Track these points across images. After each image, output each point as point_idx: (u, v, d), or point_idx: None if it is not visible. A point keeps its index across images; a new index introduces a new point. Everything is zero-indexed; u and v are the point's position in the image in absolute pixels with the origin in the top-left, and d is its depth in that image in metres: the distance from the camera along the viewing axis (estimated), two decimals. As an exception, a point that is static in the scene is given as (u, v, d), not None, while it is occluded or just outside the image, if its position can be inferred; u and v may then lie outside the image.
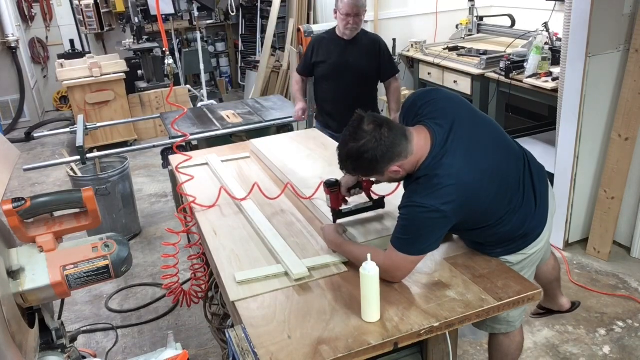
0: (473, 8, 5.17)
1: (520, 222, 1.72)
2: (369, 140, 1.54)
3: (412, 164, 1.60)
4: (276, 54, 6.57)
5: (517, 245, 1.75)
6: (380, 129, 1.55)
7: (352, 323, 1.44)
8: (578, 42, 2.93)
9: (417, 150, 1.58)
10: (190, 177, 2.30)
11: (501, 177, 1.66)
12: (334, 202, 1.90)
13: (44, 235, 1.41)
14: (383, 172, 1.61)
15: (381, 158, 1.55)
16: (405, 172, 1.62)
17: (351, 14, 3.02)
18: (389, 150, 1.55)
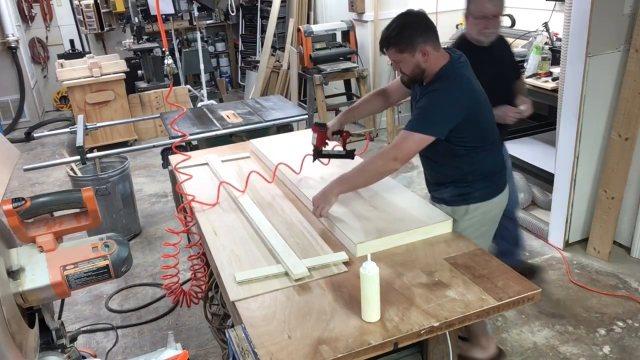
0: (473, 8, 5.16)
1: (496, 165, 2.06)
2: (416, 18, 1.92)
3: (436, 61, 1.91)
4: (276, 54, 6.57)
5: (492, 189, 2.05)
6: (426, 18, 1.94)
7: (352, 323, 1.44)
8: (578, 42, 2.93)
9: (441, 54, 1.93)
10: (189, 177, 2.30)
11: (490, 111, 2.02)
12: (319, 141, 2.25)
13: (44, 235, 1.41)
14: (416, 50, 1.87)
15: (422, 33, 1.88)
16: (428, 63, 1.90)
17: (489, 15, 2.38)
18: (428, 32, 1.90)
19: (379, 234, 1.80)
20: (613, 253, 3.21)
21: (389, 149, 1.88)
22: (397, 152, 1.85)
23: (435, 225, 1.85)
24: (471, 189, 2.01)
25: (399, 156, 1.85)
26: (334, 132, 2.27)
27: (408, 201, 2.03)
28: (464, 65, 1.95)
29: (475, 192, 2.01)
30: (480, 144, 1.97)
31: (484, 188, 2.02)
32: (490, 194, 2.04)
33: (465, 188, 2.01)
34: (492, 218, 2.11)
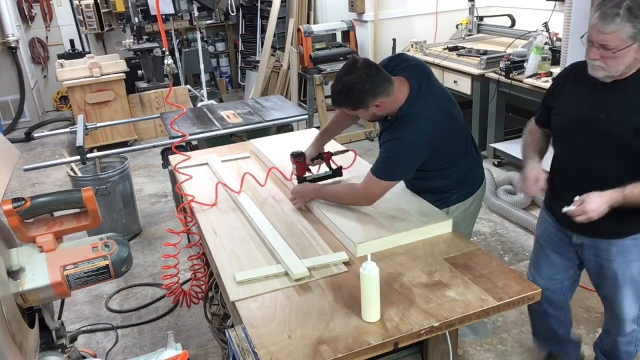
0: (473, 8, 5.18)
1: (470, 166, 2.13)
2: (359, 75, 1.85)
3: (392, 104, 1.93)
4: (276, 54, 6.57)
5: (468, 189, 2.14)
6: (370, 69, 1.87)
7: (352, 323, 1.44)
8: (578, 42, 2.92)
9: (397, 93, 1.92)
10: (189, 177, 2.30)
11: (458, 125, 2.05)
12: (299, 171, 2.22)
13: (44, 235, 1.41)
14: (368, 106, 1.91)
15: (369, 91, 1.86)
16: (385, 110, 1.95)
17: (594, 41, 1.65)
18: (376, 86, 1.86)
19: (379, 234, 1.80)
20: (613, 253, 3.20)
21: (361, 189, 1.98)
22: (367, 195, 1.97)
23: (435, 225, 1.85)
24: (449, 195, 2.12)
25: (369, 198, 1.98)
26: (313, 158, 2.27)
27: (408, 201, 2.03)
28: (424, 94, 1.94)
29: (453, 196, 2.12)
30: (449, 163, 2.05)
31: (461, 191, 2.13)
32: (467, 195, 2.15)
33: (442, 195, 2.11)
34: (472, 212, 2.22)
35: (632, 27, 1.55)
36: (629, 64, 1.62)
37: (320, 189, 2.10)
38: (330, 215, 1.94)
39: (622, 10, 1.54)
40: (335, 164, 2.29)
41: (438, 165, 2.03)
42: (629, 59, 1.61)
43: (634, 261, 1.84)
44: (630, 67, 1.64)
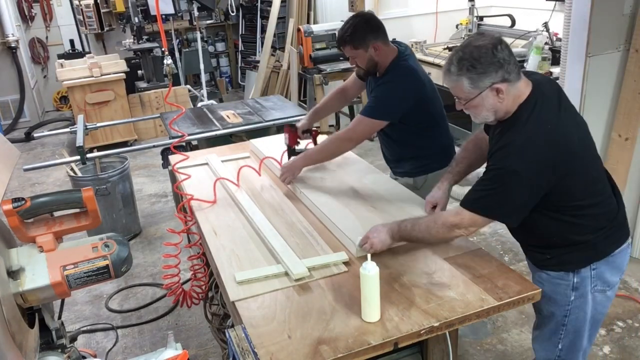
0: (473, 8, 5.18)
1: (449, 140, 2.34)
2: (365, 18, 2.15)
3: (386, 54, 2.15)
4: (276, 54, 6.57)
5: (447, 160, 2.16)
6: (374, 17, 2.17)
7: (352, 323, 1.44)
8: (578, 42, 2.92)
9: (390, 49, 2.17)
10: (188, 176, 2.30)
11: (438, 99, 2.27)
12: (291, 141, 2.40)
13: (44, 235, 1.41)
14: (368, 46, 2.12)
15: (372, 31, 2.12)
16: (380, 57, 2.14)
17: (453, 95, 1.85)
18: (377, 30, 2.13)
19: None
20: (613, 253, 3.20)
21: (346, 131, 2.15)
22: (352, 134, 2.12)
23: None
24: (429, 160, 2.30)
25: (353, 137, 2.13)
26: (304, 130, 2.46)
27: (408, 201, 2.03)
28: (410, 57, 2.22)
29: (433, 164, 2.30)
30: (430, 124, 2.24)
31: (440, 160, 2.28)
32: (446, 164, 2.21)
33: (424, 160, 2.30)
34: None
35: (467, 79, 1.54)
36: (493, 108, 1.58)
37: (305, 155, 2.26)
38: (330, 215, 1.94)
39: (453, 66, 1.56)
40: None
41: (421, 122, 2.21)
42: (489, 104, 1.57)
43: (545, 298, 1.66)
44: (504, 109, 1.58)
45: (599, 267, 1.66)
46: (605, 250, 1.67)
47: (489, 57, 1.51)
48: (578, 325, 1.74)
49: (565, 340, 1.76)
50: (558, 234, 1.64)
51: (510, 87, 1.54)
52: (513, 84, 1.54)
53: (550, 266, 1.69)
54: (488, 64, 1.51)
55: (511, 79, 1.53)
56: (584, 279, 1.67)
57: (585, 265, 1.66)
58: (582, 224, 1.63)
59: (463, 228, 1.63)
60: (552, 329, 1.76)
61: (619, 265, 1.71)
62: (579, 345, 1.78)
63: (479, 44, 1.53)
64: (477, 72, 1.52)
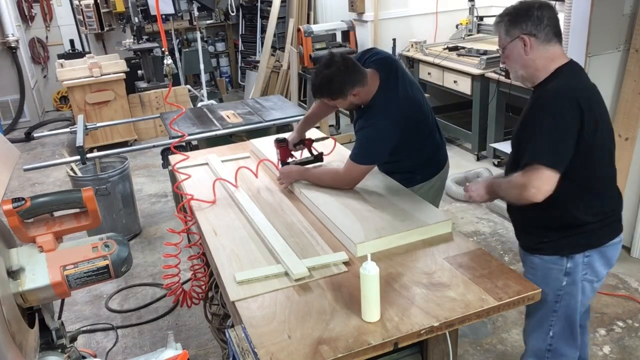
0: (473, 8, 5.18)
1: (434, 149, 2.34)
2: (338, 68, 2.05)
3: (367, 93, 2.12)
4: (276, 54, 6.57)
5: (432, 170, 2.35)
6: (347, 62, 2.07)
7: (352, 323, 1.44)
8: (578, 42, 2.93)
9: (370, 82, 2.12)
10: (188, 176, 2.30)
11: (424, 112, 2.24)
12: (283, 156, 2.39)
13: (44, 235, 1.41)
14: (347, 95, 2.09)
15: (347, 82, 2.05)
16: (360, 99, 2.13)
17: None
18: (353, 77, 2.06)
19: (379, 234, 1.80)
20: (613, 253, 3.21)
21: (342, 174, 2.16)
22: (348, 179, 2.15)
23: (435, 225, 1.85)
24: (414, 175, 2.31)
25: (349, 183, 2.16)
26: (296, 144, 2.43)
27: (408, 201, 2.03)
28: (393, 83, 2.15)
29: (418, 175, 2.32)
30: (414, 139, 2.23)
31: (425, 171, 2.34)
32: (431, 175, 2.35)
33: (408, 174, 2.29)
34: (437, 190, 2.40)
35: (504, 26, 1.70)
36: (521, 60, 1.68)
37: (305, 171, 2.26)
38: (330, 215, 1.94)
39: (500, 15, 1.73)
40: (316, 150, 2.45)
41: (406, 147, 2.20)
42: (516, 54, 1.68)
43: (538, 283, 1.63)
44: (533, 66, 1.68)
45: (592, 255, 1.74)
46: (600, 240, 1.75)
47: (526, 11, 1.65)
48: (569, 313, 1.78)
49: (556, 327, 1.80)
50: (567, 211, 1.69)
51: (537, 43, 1.65)
52: (542, 42, 1.65)
53: (544, 250, 1.74)
54: (523, 16, 1.65)
55: (540, 36, 1.64)
56: (577, 265, 1.73)
57: (580, 252, 1.72)
58: (593, 203, 1.71)
59: (533, 188, 1.59)
60: (543, 314, 1.80)
61: (610, 258, 1.79)
62: (570, 335, 1.82)
63: (526, 0, 1.68)
64: (511, 20, 1.67)
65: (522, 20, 1.65)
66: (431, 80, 5.01)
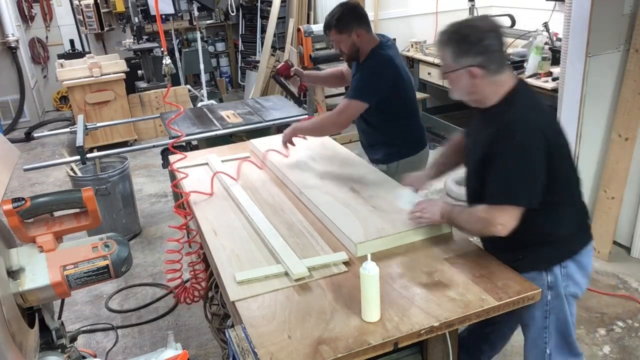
0: (473, 8, 5.18)
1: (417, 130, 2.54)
2: (351, 6, 2.36)
3: (369, 42, 2.35)
4: (276, 54, 6.57)
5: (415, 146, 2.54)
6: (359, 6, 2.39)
7: (352, 323, 1.44)
8: (578, 42, 2.93)
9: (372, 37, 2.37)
10: (185, 175, 2.31)
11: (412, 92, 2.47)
12: (282, 69, 2.69)
13: (44, 235, 1.41)
14: (352, 32, 2.31)
15: (356, 19, 2.31)
16: (362, 43, 2.34)
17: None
18: (360, 18, 2.33)
19: (379, 234, 1.80)
20: (613, 253, 3.21)
21: (335, 114, 2.34)
22: (338, 119, 2.34)
23: (435, 225, 1.85)
24: (400, 148, 2.50)
25: (339, 122, 2.34)
26: (297, 74, 2.72)
27: (408, 201, 2.03)
28: (391, 47, 2.41)
29: (402, 150, 2.50)
30: (403, 114, 2.44)
31: (409, 147, 2.52)
32: (414, 151, 2.53)
33: (395, 147, 2.49)
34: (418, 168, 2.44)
35: (451, 51, 1.59)
36: (466, 89, 1.62)
37: (298, 125, 2.47)
38: (330, 215, 1.94)
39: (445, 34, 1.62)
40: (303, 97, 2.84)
41: (394, 111, 2.41)
42: (462, 84, 1.61)
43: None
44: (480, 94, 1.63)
45: (568, 266, 1.71)
46: (573, 248, 1.73)
47: (476, 40, 1.55)
48: (560, 326, 1.75)
49: (551, 343, 1.77)
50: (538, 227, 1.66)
51: (487, 75, 1.57)
52: (492, 74, 1.57)
53: (522, 267, 1.66)
54: (472, 45, 1.55)
55: (491, 68, 1.56)
56: (557, 277, 1.71)
57: (557, 263, 1.71)
58: (562, 216, 1.69)
59: (498, 225, 1.57)
60: (536, 333, 1.78)
61: (586, 265, 1.77)
62: (567, 347, 1.79)
63: (475, 25, 1.61)
64: (461, 49, 1.57)
65: (473, 50, 1.55)
66: (431, 80, 5.01)
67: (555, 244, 1.70)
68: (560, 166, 1.61)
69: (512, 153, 1.54)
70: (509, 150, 1.55)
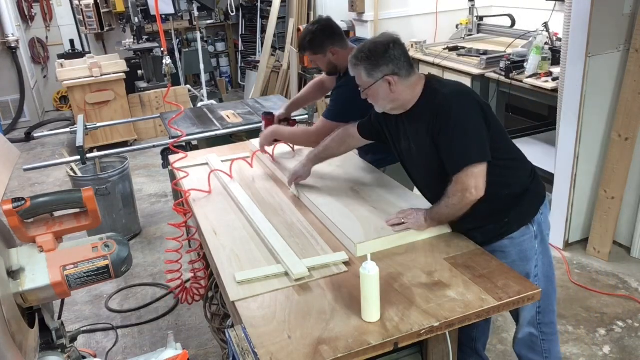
0: (473, 8, 5.17)
1: None
2: (322, 25, 2.31)
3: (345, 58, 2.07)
4: (276, 54, 6.57)
5: None
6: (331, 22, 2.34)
7: (352, 323, 1.44)
8: (578, 42, 2.93)
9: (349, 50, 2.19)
10: (186, 174, 2.31)
11: None
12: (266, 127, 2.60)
13: (44, 235, 1.41)
14: (326, 52, 2.31)
15: (328, 38, 2.29)
16: (339, 61, 2.32)
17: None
18: (333, 36, 2.30)
19: (379, 234, 1.80)
20: (613, 253, 3.21)
21: (313, 133, 2.36)
22: (317, 136, 2.30)
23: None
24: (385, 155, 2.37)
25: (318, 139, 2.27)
26: (281, 120, 2.68)
27: (408, 201, 2.03)
28: None
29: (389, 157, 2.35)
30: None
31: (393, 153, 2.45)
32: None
33: (381, 154, 2.42)
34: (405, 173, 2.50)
35: (364, 69, 1.77)
36: (388, 97, 1.78)
37: (278, 129, 2.48)
38: (330, 215, 1.94)
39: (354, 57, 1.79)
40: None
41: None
42: (383, 93, 1.78)
43: (516, 262, 1.83)
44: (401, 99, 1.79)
45: (543, 210, 1.88)
46: (543, 192, 1.91)
47: (381, 53, 1.74)
48: (546, 270, 1.90)
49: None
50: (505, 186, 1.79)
51: (401, 80, 1.75)
52: (404, 78, 1.76)
53: (510, 229, 1.83)
54: (380, 58, 1.74)
55: (402, 74, 1.75)
56: (540, 224, 1.86)
57: (536, 212, 1.86)
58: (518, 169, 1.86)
59: (471, 188, 1.68)
60: None
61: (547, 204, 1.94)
62: (553, 290, 1.96)
63: (376, 41, 1.78)
64: (371, 64, 1.75)
65: (383, 62, 1.73)
66: (431, 80, 5.01)
67: (530, 194, 1.85)
68: (496, 122, 1.79)
69: (455, 122, 1.70)
70: (452, 122, 1.70)
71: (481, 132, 1.71)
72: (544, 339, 2.00)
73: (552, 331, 2.01)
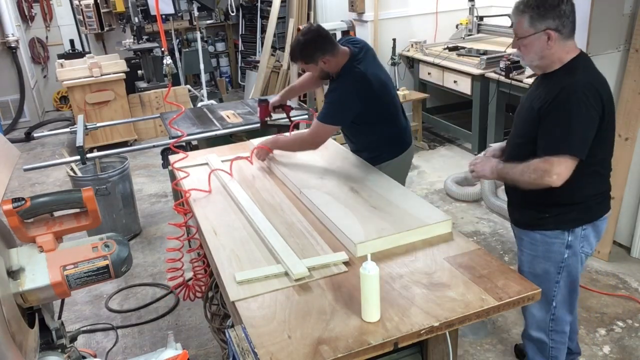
0: (473, 8, 5.17)
1: (399, 131, 2.54)
2: (313, 36, 2.31)
3: (337, 64, 2.34)
4: (276, 54, 6.57)
5: (397, 149, 2.54)
6: (321, 31, 2.33)
7: (352, 323, 1.44)
8: (578, 42, 2.91)
9: (341, 55, 2.34)
10: (187, 174, 2.31)
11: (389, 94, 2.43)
12: (261, 114, 2.73)
13: (44, 235, 1.41)
14: (317, 61, 2.32)
15: (318, 48, 2.29)
16: (330, 68, 2.35)
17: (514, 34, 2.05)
18: (324, 45, 2.30)
19: (379, 234, 1.80)
20: (613, 253, 3.21)
21: (308, 135, 2.39)
22: (313, 139, 2.37)
23: (435, 225, 1.85)
24: (380, 152, 2.50)
25: (313, 142, 2.38)
26: (276, 106, 2.75)
27: (408, 201, 2.03)
28: (363, 58, 2.37)
29: (384, 154, 2.51)
30: (378, 119, 2.43)
31: (391, 150, 2.53)
32: (397, 153, 2.54)
33: (375, 151, 2.49)
34: (402, 169, 2.62)
35: (529, 17, 1.72)
36: (541, 53, 1.75)
37: (276, 140, 2.51)
38: (330, 215, 1.94)
39: (522, 3, 1.75)
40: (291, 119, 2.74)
41: (370, 118, 2.40)
42: (538, 47, 1.74)
43: (539, 258, 1.89)
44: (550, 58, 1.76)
45: (587, 228, 1.88)
46: (596, 215, 1.89)
47: (552, 4, 1.69)
48: (571, 281, 1.92)
49: (559, 297, 1.95)
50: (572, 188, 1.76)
51: (560, 38, 1.71)
52: (564, 38, 1.72)
53: (546, 225, 1.87)
54: (550, 9, 1.69)
55: (564, 32, 1.71)
56: (576, 237, 1.87)
57: (578, 226, 1.86)
58: (595, 181, 1.84)
59: (555, 174, 1.69)
60: (547, 287, 1.92)
61: (601, 231, 1.94)
62: (571, 302, 1.97)
63: None
64: (539, 14, 1.70)
65: (550, 15, 1.69)
66: (431, 80, 5.01)
67: (581, 207, 1.85)
68: (607, 132, 1.77)
69: (573, 107, 1.67)
70: (570, 104, 1.67)
71: (590, 130, 1.70)
72: (553, 347, 2.03)
73: (563, 340, 2.04)
